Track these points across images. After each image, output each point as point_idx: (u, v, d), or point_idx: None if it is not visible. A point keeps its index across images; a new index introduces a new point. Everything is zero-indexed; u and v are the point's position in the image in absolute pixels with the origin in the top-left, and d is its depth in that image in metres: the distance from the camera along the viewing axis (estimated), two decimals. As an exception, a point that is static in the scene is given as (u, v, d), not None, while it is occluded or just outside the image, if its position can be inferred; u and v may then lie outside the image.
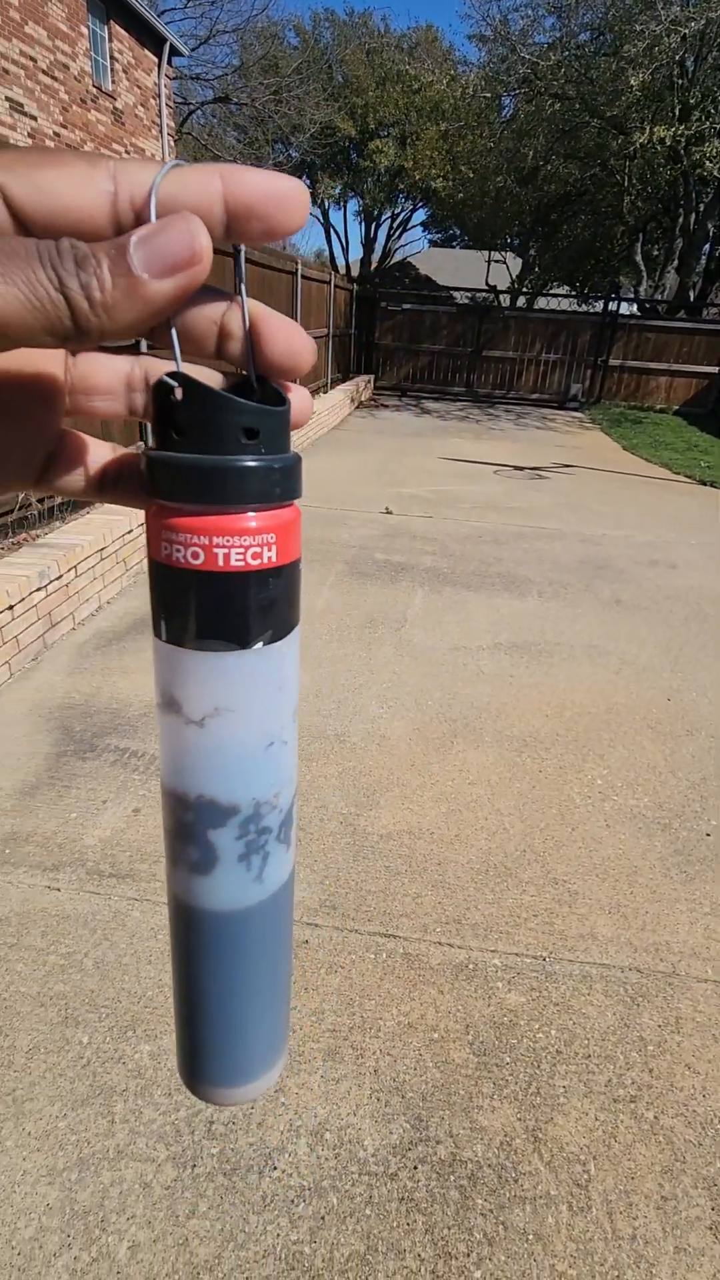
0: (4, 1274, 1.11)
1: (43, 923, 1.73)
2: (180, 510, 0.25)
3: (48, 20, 9.59)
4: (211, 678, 0.27)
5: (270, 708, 0.28)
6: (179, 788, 0.29)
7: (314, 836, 2.07)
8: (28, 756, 2.35)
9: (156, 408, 0.25)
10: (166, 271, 0.21)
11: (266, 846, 0.30)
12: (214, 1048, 0.34)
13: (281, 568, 0.26)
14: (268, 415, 0.25)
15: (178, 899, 0.31)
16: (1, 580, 2.81)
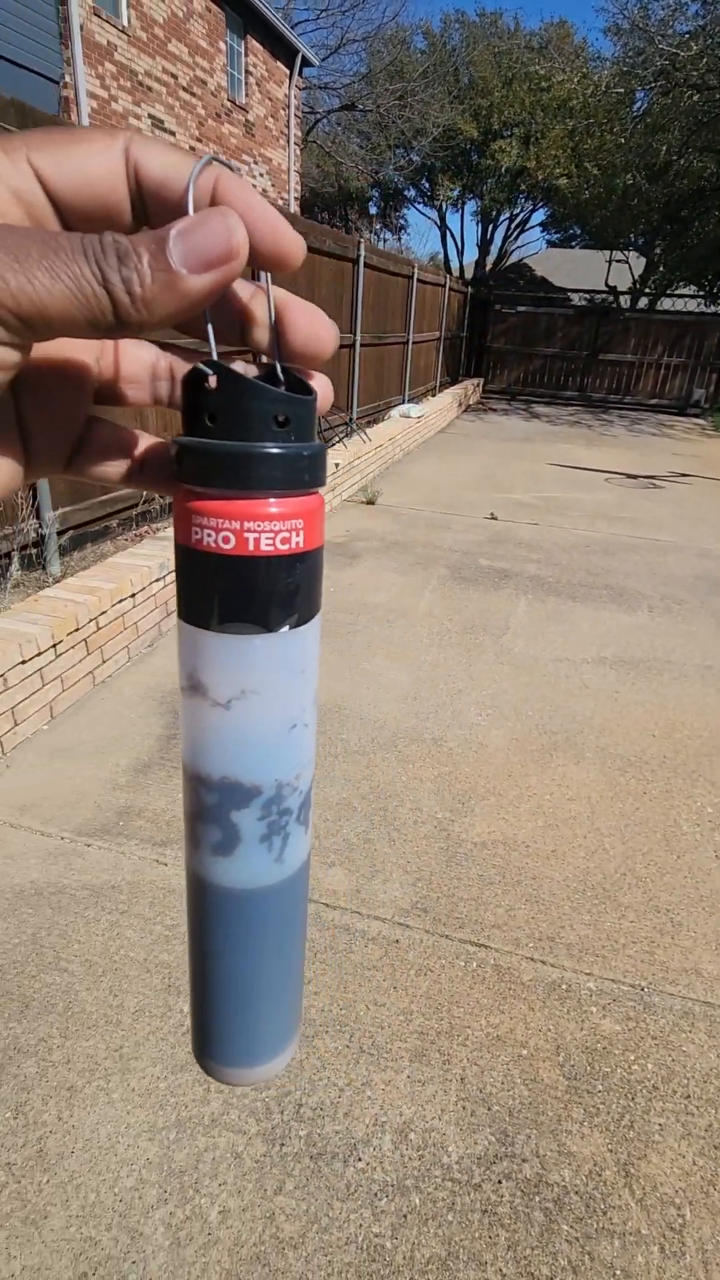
0: (106, 1218, 1.19)
1: (151, 894, 1.83)
2: (212, 496, 0.25)
3: (189, 37, 10.09)
4: (238, 661, 0.27)
5: (293, 691, 0.29)
6: (202, 769, 0.29)
7: (408, 838, 2.09)
8: (142, 736, 2.49)
9: (189, 395, 0.25)
10: (204, 267, 0.21)
11: (287, 828, 0.31)
12: (229, 1027, 0.34)
13: (308, 553, 0.27)
14: (298, 404, 0.26)
15: (198, 878, 0.31)
16: (126, 570, 2.99)
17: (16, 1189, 1.21)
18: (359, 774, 2.36)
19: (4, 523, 3.00)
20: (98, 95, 8.51)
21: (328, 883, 1.90)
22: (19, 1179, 1.23)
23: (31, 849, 1.96)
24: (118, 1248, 1.15)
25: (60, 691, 2.58)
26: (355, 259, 6.71)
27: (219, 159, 0.24)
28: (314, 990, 1.60)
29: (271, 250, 0.25)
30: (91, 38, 8.26)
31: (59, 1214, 1.19)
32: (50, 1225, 1.17)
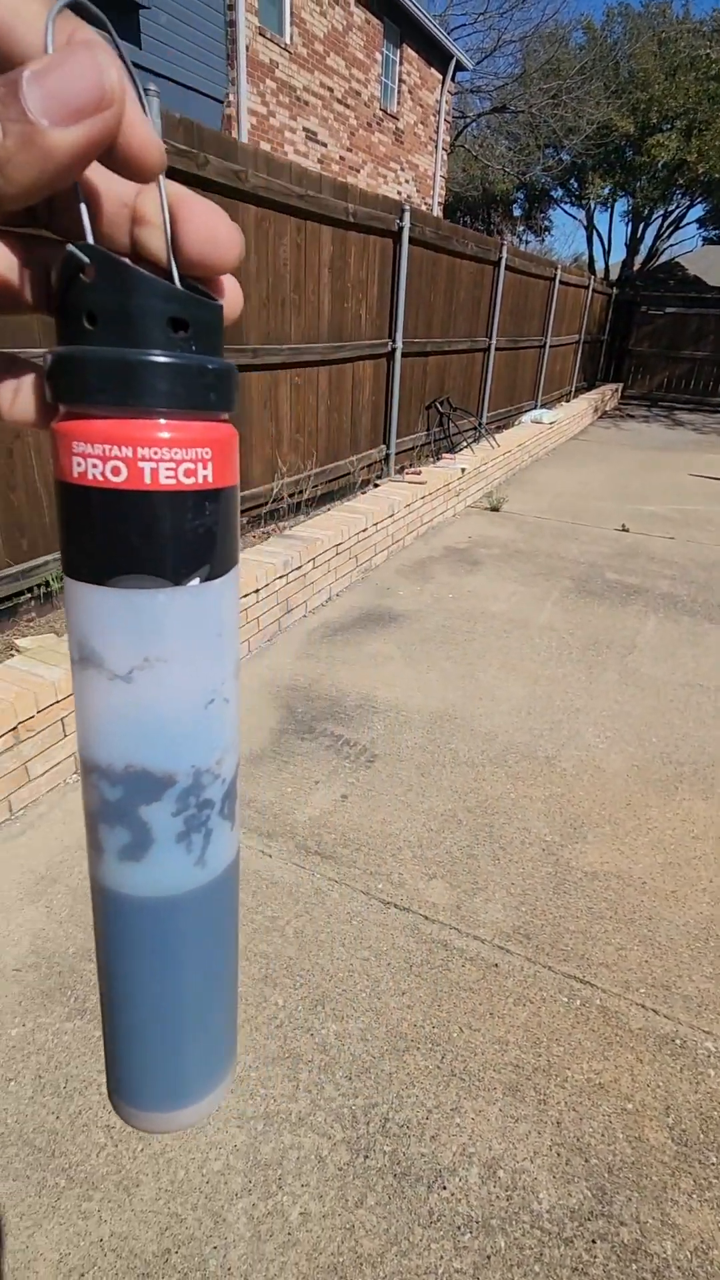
0: (193, 1198, 1.22)
1: (254, 884, 1.88)
2: (96, 417, 0.20)
3: (347, 50, 10.35)
4: (139, 621, 0.22)
5: (209, 658, 0.24)
6: (103, 758, 0.24)
7: (513, 858, 2.01)
8: (256, 729, 2.56)
9: (64, 291, 0.20)
10: (70, 117, 0.16)
11: (209, 823, 0.26)
12: (148, 1063, 0.29)
13: (219, 491, 0.23)
14: (200, 306, 0.21)
15: (104, 888, 0.26)
16: (253, 566, 3.09)
17: (114, 1152, 1.27)
18: (466, 786, 2.31)
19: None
20: (257, 111, 8.91)
21: (428, 894, 1.86)
22: (117, 1143, 1.29)
23: (149, 826, 2.06)
24: (201, 1229, 1.17)
25: (184, 678, 2.70)
26: (496, 261, 6.60)
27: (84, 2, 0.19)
28: (407, 1004, 1.57)
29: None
30: (255, 57, 8.66)
31: (149, 1185, 1.23)
32: (141, 1195, 1.22)
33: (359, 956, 1.68)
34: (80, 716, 0.24)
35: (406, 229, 4.71)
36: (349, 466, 4.83)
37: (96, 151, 0.17)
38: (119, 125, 0.18)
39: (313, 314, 4.11)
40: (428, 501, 4.84)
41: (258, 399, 3.79)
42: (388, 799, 2.23)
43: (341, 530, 3.70)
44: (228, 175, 3.18)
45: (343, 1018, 1.53)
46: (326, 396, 4.43)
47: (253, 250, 3.50)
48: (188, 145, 2.95)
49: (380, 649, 3.21)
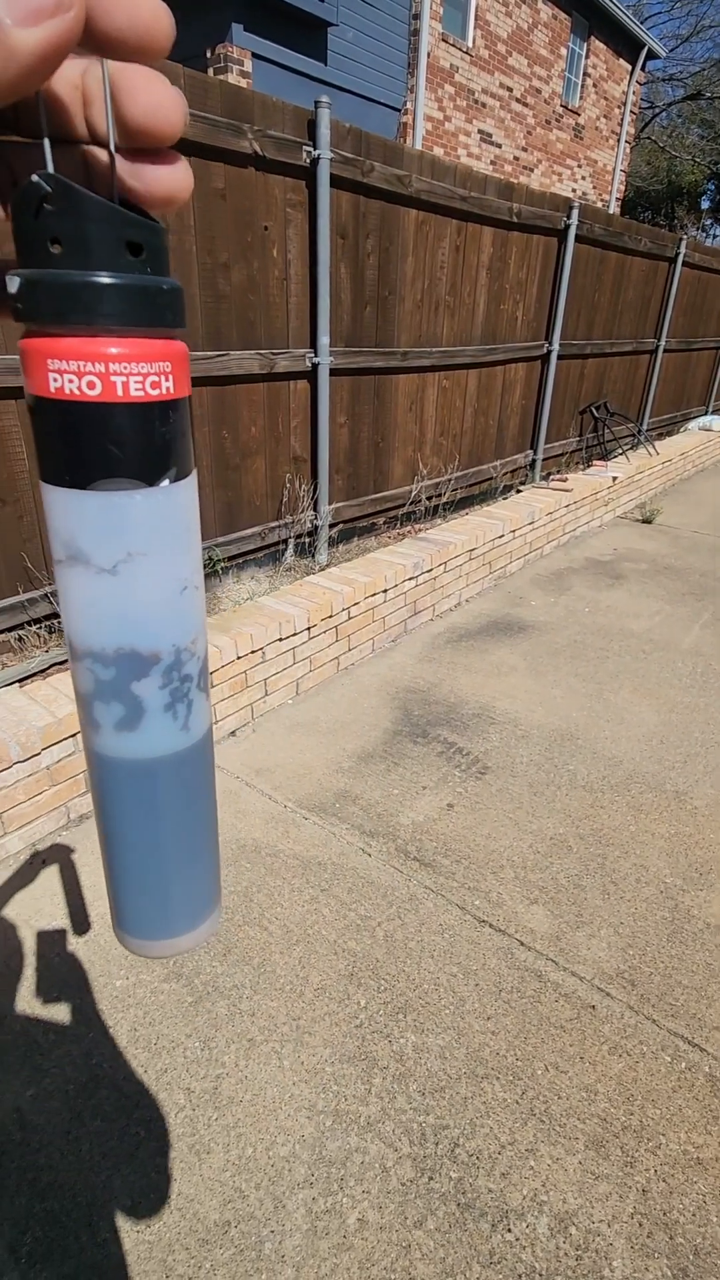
0: (257, 1177, 1.24)
1: (350, 880, 1.89)
2: (68, 335, 0.22)
3: (530, 48, 10.14)
4: (121, 520, 0.25)
5: (181, 549, 0.27)
6: (95, 644, 0.27)
7: (625, 896, 1.87)
8: (370, 727, 2.58)
9: (24, 217, 0.21)
10: (31, 18, 0.16)
11: (189, 694, 0.29)
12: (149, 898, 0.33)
13: (179, 400, 0.25)
14: (153, 230, 0.22)
15: (104, 757, 0.30)
16: (383, 566, 3.12)
17: (190, 1115, 1.33)
18: (581, 811, 2.18)
19: (286, 512, 3.31)
20: (433, 117, 8.97)
21: (527, 919, 1.78)
22: (194, 1106, 1.35)
23: (259, 810, 2.14)
24: (261, 1210, 1.20)
25: (308, 671, 2.78)
26: (672, 258, 6.18)
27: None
28: (491, 1029, 1.51)
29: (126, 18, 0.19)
30: (436, 63, 8.72)
31: (219, 1155, 1.27)
32: (210, 1163, 1.26)
33: (447, 971, 1.64)
34: (70, 610, 0.27)
35: (573, 227, 4.54)
36: (491, 471, 4.73)
37: (59, 54, 0.18)
38: (79, 28, 0.18)
39: (466, 316, 4.06)
40: (572, 510, 4.64)
41: (404, 401, 3.81)
42: (495, 814, 2.16)
43: (476, 535, 3.64)
44: (391, 181, 3.22)
45: (423, 1031, 1.50)
46: (474, 399, 4.37)
47: (410, 254, 3.53)
48: (354, 154, 3.02)
49: (505, 659, 3.12)
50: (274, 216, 2.83)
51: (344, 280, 3.21)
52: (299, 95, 6.45)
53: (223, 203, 2.62)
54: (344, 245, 3.15)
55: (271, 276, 2.90)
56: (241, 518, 3.13)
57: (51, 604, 2.46)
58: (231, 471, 3.01)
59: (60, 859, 1.93)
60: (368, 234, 3.26)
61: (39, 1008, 1.52)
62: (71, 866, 1.91)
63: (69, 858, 1.94)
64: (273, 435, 3.14)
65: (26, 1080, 1.38)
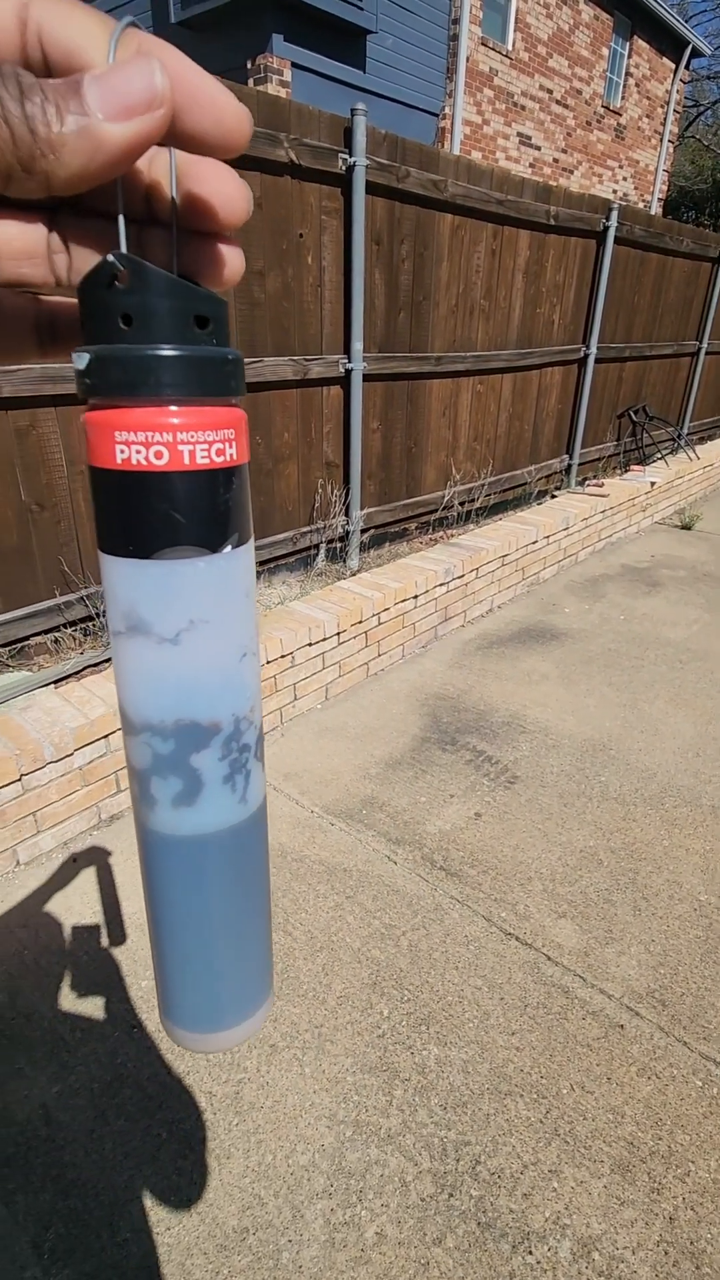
0: (276, 1185, 1.24)
1: (375, 887, 1.88)
2: (136, 407, 0.22)
3: (571, 50, 10.04)
4: (184, 588, 0.25)
5: (241, 616, 0.27)
6: (153, 717, 0.27)
7: (657, 912, 1.82)
8: (398, 733, 2.57)
9: (94, 295, 0.22)
10: (123, 114, 0.18)
11: (248, 765, 0.29)
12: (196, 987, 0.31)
13: (240, 466, 0.25)
14: (218, 303, 0.23)
15: (159, 834, 0.29)
16: (414, 572, 3.11)
17: (211, 1119, 1.34)
18: (612, 824, 2.13)
19: (318, 518, 3.33)
20: (471, 121, 8.94)
21: (555, 933, 1.75)
22: (216, 1110, 1.35)
23: (286, 814, 2.15)
24: (279, 1219, 1.19)
25: (337, 676, 2.78)
26: (716, 258, 6.05)
27: (136, 24, 0.21)
28: (516, 1045, 1.48)
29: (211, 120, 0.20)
30: (475, 67, 8.69)
31: (239, 1160, 1.28)
32: (230, 1168, 1.26)
33: (471, 984, 1.61)
34: (127, 682, 0.27)
35: (612, 228, 4.47)
36: (525, 476, 4.68)
37: (143, 147, 0.19)
38: (166, 124, 0.19)
39: (502, 320, 4.03)
40: (608, 516, 4.56)
41: (437, 407, 3.80)
42: (524, 824, 2.13)
43: (509, 541, 3.60)
44: (427, 186, 3.21)
45: (446, 1043, 1.49)
46: (509, 404, 4.33)
47: (445, 258, 3.51)
48: (390, 160, 3.03)
49: (536, 666, 3.07)
50: (309, 224, 2.85)
51: (378, 286, 3.21)
52: (338, 103, 6.50)
53: (259, 211, 2.65)
54: (379, 251, 3.16)
55: (306, 283, 2.92)
56: (274, 523, 3.15)
57: (87, 607, 2.50)
58: (264, 477, 3.04)
59: (93, 861, 1.97)
60: (402, 239, 3.26)
61: (67, 1005, 1.55)
62: (103, 869, 1.94)
63: (102, 860, 1.97)
64: (305, 441, 3.16)
65: (53, 1076, 1.40)
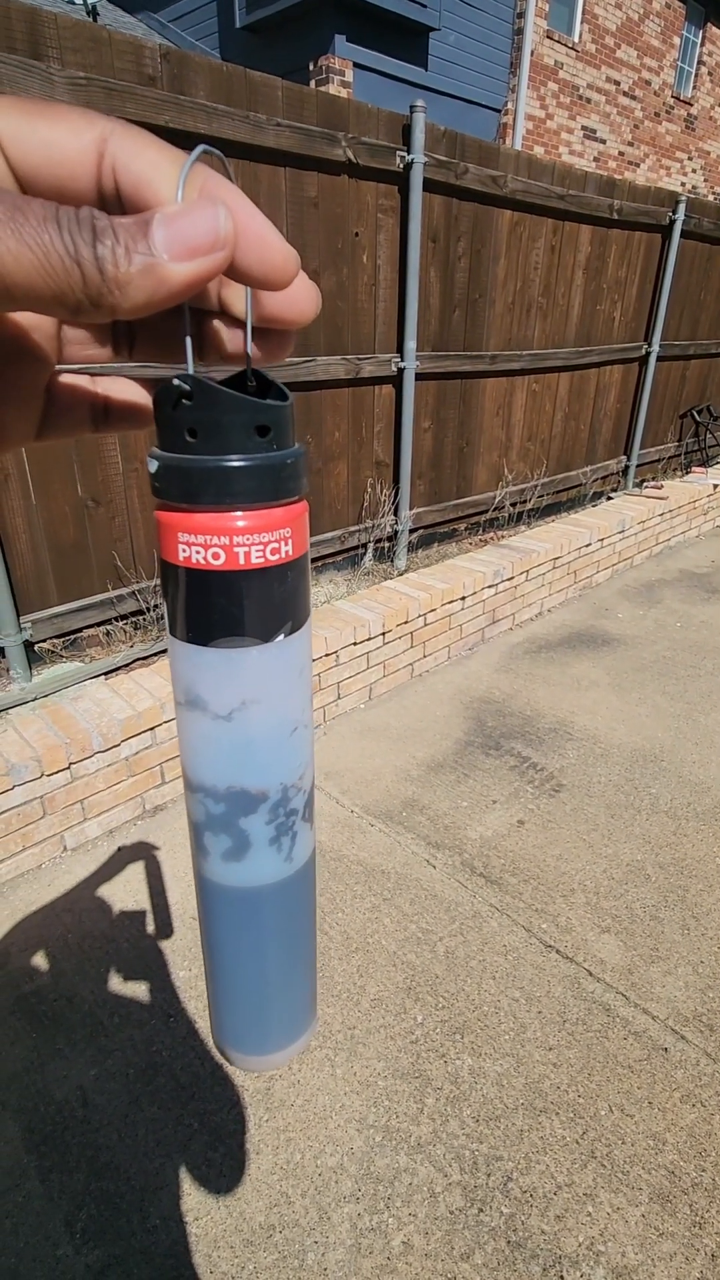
0: (303, 1184, 1.24)
1: (413, 891, 1.86)
2: (198, 512, 0.24)
3: (641, 39, 9.77)
4: (236, 674, 0.27)
5: (293, 695, 0.28)
6: (207, 781, 0.29)
7: (707, 932, 1.75)
8: (441, 736, 2.54)
9: (164, 410, 0.24)
10: (187, 254, 0.20)
11: (294, 827, 0.31)
12: (246, 1018, 0.34)
13: (296, 560, 0.26)
14: (278, 411, 0.24)
15: (210, 882, 0.31)
16: (462, 573, 3.07)
17: (240, 1113, 1.34)
18: (662, 838, 2.06)
19: (367, 517, 3.32)
20: (534, 115, 8.80)
21: (597, 948, 1.69)
22: (247, 1105, 1.36)
23: (325, 813, 2.15)
24: (306, 1219, 1.19)
25: (381, 676, 2.77)
26: None
27: (212, 151, 0.22)
28: (553, 1061, 1.44)
29: (259, 264, 0.22)
30: (540, 60, 8.55)
31: (268, 1157, 1.28)
32: (258, 1164, 1.27)
33: (509, 995, 1.58)
34: (186, 746, 0.29)
35: (679, 222, 4.32)
36: (581, 477, 4.58)
37: (203, 283, 0.21)
38: (227, 264, 0.21)
39: (560, 318, 3.95)
40: (667, 519, 4.42)
41: (490, 406, 3.74)
42: (568, 834, 2.07)
43: (561, 544, 3.52)
44: (485, 182, 3.17)
45: (480, 1054, 1.46)
46: (565, 403, 4.24)
47: (503, 255, 3.46)
48: (449, 156, 3.00)
49: (586, 672, 3.00)
50: (365, 222, 2.84)
51: (433, 284, 3.19)
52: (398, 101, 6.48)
53: (315, 210, 2.66)
54: (434, 249, 3.13)
55: (360, 282, 2.91)
56: (322, 521, 3.16)
57: (138, 601, 2.56)
58: (314, 476, 3.04)
59: (138, 851, 2.01)
60: (459, 236, 3.22)
61: (107, 991, 1.58)
62: (148, 859, 1.98)
63: (147, 851, 2.00)
64: (356, 440, 3.16)
65: (91, 1060, 1.43)
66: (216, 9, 7.66)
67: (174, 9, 8.11)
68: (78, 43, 1.92)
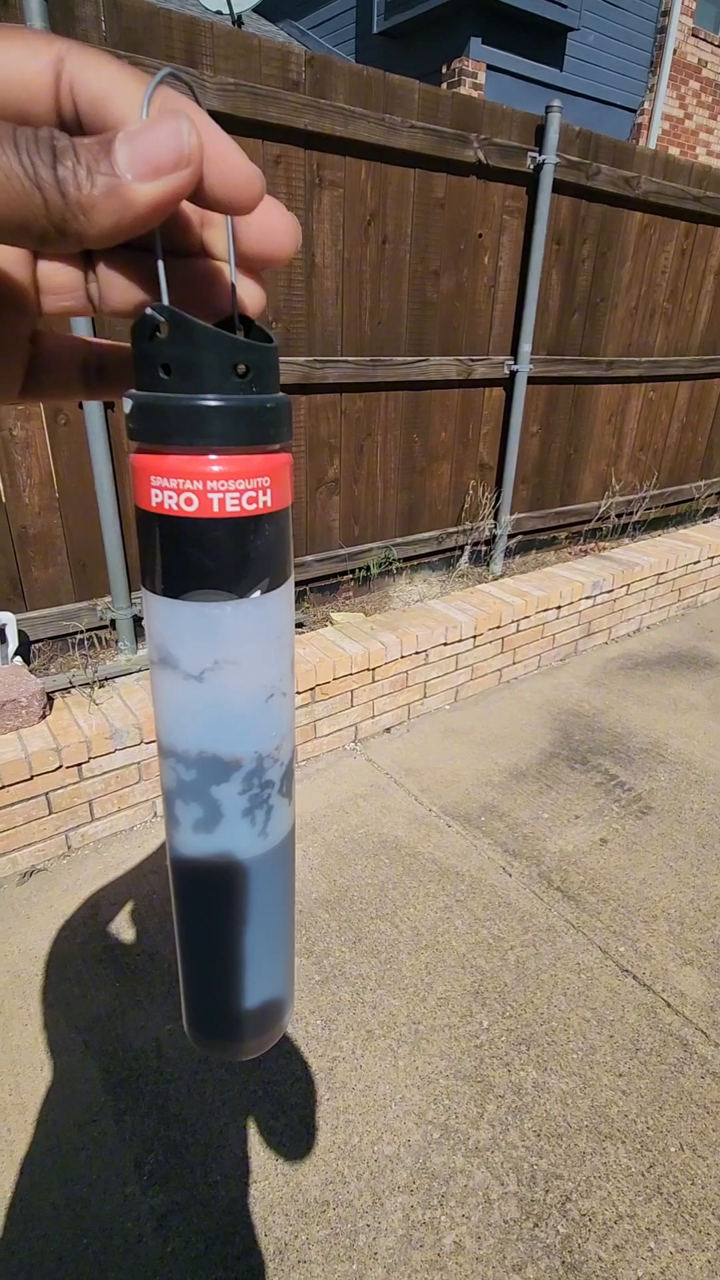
0: (358, 1167, 1.25)
1: (487, 896, 1.84)
2: (171, 454, 0.23)
3: None
4: (209, 629, 0.25)
5: (270, 658, 0.27)
6: (178, 745, 0.27)
7: None
8: (526, 745, 2.49)
9: (138, 345, 0.23)
10: (152, 174, 0.18)
11: (270, 800, 0.29)
12: (215, 1000, 0.32)
13: (276, 513, 0.25)
14: (259, 352, 0.23)
15: (181, 855, 0.30)
16: (560, 582, 3.00)
17: (304, 1089, 1.37)
18: (758, 877, 1.94)
19: (466, 519, 3.30)
20: (672, 115, 8.45)
21: (678, 980, 1.62)
22: (309, 1081, 1.39)
23: (403, 809, 2.16)
24: (360, 1201, 1.20)
25: (468, 679, 2.75)
26: None
27: (177, 74, 0.21)
28: (622, 1089, 1.39)
29: (220, 184, 0.21)
30: (683, 59, 8.20)
31: (326, 1135, 1.30)
32: (318, 1141, 1.29)
33: (579, 1014, 1.54)
34: (159, 708, 0.28)
35: None
36: (694, 491, 4.37)
37: (171, 205, 0.19)
38: (195, 182, 0.20)
39: (685, 324, 3.79)
40: (786, 542, 4.15)
41: (602, 413, 3.64)
42: (654, 859, 1.99)
43: (668, 559, 3.38)
44: (617, 183, 3.08)
45: (545, 1069, 1.43)
46: (683, 413, 4.06)
47: (629, 258, 3.35)
48: (581, 157, 2.93)
49: (684, 694, 2.86)
50: (489, 224, 2.82)
51: (554, 286, 3.13)
52: (529, 102, 6.38)
53: (440, 212, 2.67)
54: (558, 251, 3.07)
55: (479, 283, 2.90)
56: (421, 521, 3.17)
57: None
58: (417, 475, 3.06)
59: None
60: (585, 239, 3.15)
61: (184, 953, 1.65)
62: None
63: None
64: (461, 441, 3.15)
65: (167, 1015, 1.50)
66: (355, 15, 7.80)
67: (313, 16, 8.32)
68: (230, 50, 2.01)
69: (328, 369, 2.56)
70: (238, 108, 2.04)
